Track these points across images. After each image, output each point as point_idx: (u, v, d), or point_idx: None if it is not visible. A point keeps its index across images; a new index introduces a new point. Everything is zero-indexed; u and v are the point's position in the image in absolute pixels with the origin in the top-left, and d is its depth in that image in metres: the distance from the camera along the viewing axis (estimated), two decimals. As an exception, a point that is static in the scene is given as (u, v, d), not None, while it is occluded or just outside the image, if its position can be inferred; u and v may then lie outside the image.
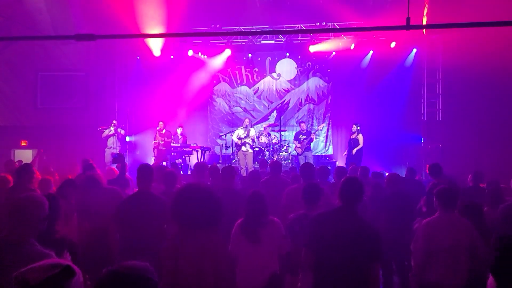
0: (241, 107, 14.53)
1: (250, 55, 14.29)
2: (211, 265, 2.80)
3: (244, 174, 9.82)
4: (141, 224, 4.03)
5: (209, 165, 6.62)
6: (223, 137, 12.79)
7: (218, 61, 14.40)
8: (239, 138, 11.43)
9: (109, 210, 4.42)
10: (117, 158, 5.92)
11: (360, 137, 11.55)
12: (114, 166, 7.61)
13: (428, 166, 6.25)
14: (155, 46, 13.76)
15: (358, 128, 11.63)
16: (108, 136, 12.34)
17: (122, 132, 12.72)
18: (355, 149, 11.48)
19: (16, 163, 8.61)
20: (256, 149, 12.22)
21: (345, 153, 11.87)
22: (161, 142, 12.03)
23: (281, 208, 5.10)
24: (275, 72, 14.46)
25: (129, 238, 4.08)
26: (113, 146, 12.31)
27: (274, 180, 6.13)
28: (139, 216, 4.08)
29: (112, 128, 12.31)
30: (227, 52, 14.00)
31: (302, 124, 12.28)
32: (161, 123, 12.25)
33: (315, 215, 3.50)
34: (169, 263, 2.82)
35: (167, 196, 4.36)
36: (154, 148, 12.22)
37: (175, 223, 3.02)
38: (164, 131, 12.20)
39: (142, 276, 1.58)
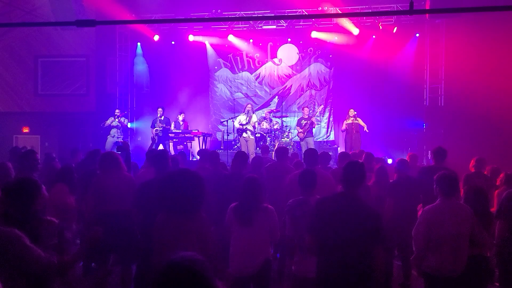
0: (242, 93, 14.49)
1: (251, 40, 14.18)
2: (197, 244, 2.92)
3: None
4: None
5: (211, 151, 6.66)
6: (225, 123, 12.77)
7: (219, 46, 14.33)
8: (241, 124, 11.42)
9: (124, 194, 4.62)
10: (122, 146, 5.94)
11: (360, 121, 11.71)
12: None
13: (432, 150, 6.21)
14: (156, 31, 13.69)
15: (355, 113, 11.72)
16: (111, 126, 12.29)
17: (126, 121, 12.69)
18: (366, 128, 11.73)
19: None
20: (258, 135, 12.22)
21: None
22: (160, 129, 12.03)
23: (284, 195, 5.12)
24: (276, 57, 14.37)
25: (149, 223, 4.13)
26: (116, 135, 12.27)
27: (277, 166, 6.16)
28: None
29: (116, 120, 12.26)
30: (229, 38, 13.90)
31: (305, 109, 12.25)
32: (160, 109, 12.24)
33: (318, 200, 3.53)
34: (157, 242, 3.04)
35: None
36: (155, 135, 12.22)
37: (160, 209, 3.15)
38: (163, 117, 12.19)
39: (203, 268, 1.62)
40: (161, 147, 11.87)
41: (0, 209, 2.83)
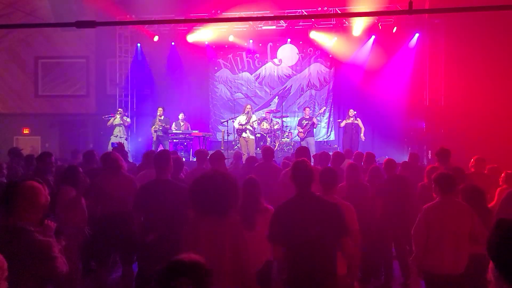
0: (242, 93, 14.49)
1: (251, 41, 14.19)
2: (230, 248, 2.87)
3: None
4: (161, 211, 4.05)
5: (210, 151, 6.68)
6: (225, 123, 12.77)
7: (219, 47, 14.33)
8: (240, 125, 11.43)
9: (125, 195, 4.61)
10: (117, 147, 5.98)
11: (360, 122, 11.67)
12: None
13: (437, 151, 6.24)
14: (156, 32, 13.71)
15: (355, 113, 11.71)
16: (114, 126, 12.26)
17: (128, 120, 12.67)
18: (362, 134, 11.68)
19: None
20: (258, 135, 12.22)
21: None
22: (160, 128, 12.03)
23: (276, 194, 5.13)
24: (276, 58, 14.37)
25: (149, 225, 4.12)
26: (119, 134, 12.22)
27: (265, 166, 6.19)
28: (159, 203, 4.08)
29: (118, 117, 12.23)
30: (229, 38, 13.91)
31: (306, 109, 12.28)
32: (160, 109, 12.23)
33: (275, 209, 3.48)
34: (190, 248, 2.91)
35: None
36: (154, 133, 12.22)
37: (194, 210, 3.09)
38: (163, 117, 12.18)
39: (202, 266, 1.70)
40: (163, 146, 11.85)
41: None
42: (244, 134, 11.39)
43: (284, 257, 3.32)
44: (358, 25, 12.87)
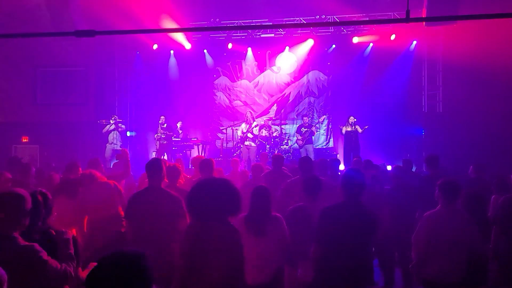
0: (241, 101, 14.52)
1: (250, 48, 14.25)
2: (227, 255, 2.88)
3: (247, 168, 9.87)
4: (152, 219, 4.01)
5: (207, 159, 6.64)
6: (224, 131, 12.79)
7: (218, 55, 14.40)
8: (243, 132, 11.51)
9: (107, 202, 4.79)
10: (121, 154, 5.94)
11: (358, 128, 11.67)
12: (115, 161, 7.62)
13: (425, 157, 6.22)
14: (155, 40, 13.76)
15: (355, 120, 11.70)
16: (109, 132, 12.32)
17: (123, 127, 12.71)
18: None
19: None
20: (258, 142, 12.25)
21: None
22: (163, 136, 12.04)
23: (277, 202, 5.12)
24: (275, 65, 14.43)
25: (140, 233, 4.07)
26: (114, 141, 12.29)
27: (275, 174, 6.16)
28: (150, 212, 4.04)
29: (112, 123, 12.29)
30: (228, 46, 13.97)
31: (304, 118, 12.31)
32: (162, 117, 12.27)
33: (323, 210, 3.59)
34: (187, 255, 2.94)
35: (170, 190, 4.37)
36: (156, 141, 12.24)
37: (191, 216, 3.09)
38: (165, 125, 12.20)
39: (139, 262, 1.67)
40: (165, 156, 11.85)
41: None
42: (246, 142, 11.45)
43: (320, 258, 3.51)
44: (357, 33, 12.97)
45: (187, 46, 13.91)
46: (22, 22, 11.89)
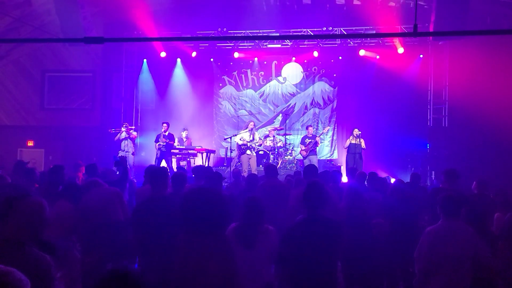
0: (246, 110, 14.55)
1: (256, 58, 14.32)
2: (217, 269, 2.85)
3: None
4: (156, 229, 3.95)
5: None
6: (228, 140, 12.80)
7: (224, 64, 14.48)
8: (244, 141, 11.46)
9: (108, 208, 4.83)
10: (119, 161, 5.95)
11: (363, 142, 11.64)
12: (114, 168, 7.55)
13: (444, 171, 6.15)
14: (162, 48, 13.86)
15: (360, 132, 11.67)
16: (121, 140, 12.23)
17: (134, 133, 12.59)
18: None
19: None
20: (261, 152, 12.24)
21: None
22: (163, 144, 12.02)
23: (289, 209, 5.10)
24: (281, 76, 14.48)
25: (145, 243, 4.02)
26: (126, 149, 12.15)
27: (270, 183, 6.06)
28: (155, 221, 3.98)
29: (123, 130, 12.17)
30: (234, 55, 14.04)
31: (309, 128, 12.29)
32: (164, 125, 12.25)
33: (284, 232, 3.61)
34: (178, 267, 2.94)
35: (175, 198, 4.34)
36: (157, 150, 12.22)
37: (182, 228, 3.07)
38: (167, 133, 12.18)
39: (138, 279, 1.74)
40: (163, 163, 11.81)
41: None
42: (248, 152, 11.42)
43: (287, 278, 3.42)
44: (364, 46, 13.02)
45: (194, 54, 14.00)
46: (32, 27, 12.03)
